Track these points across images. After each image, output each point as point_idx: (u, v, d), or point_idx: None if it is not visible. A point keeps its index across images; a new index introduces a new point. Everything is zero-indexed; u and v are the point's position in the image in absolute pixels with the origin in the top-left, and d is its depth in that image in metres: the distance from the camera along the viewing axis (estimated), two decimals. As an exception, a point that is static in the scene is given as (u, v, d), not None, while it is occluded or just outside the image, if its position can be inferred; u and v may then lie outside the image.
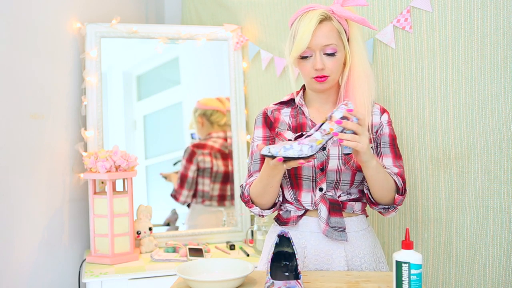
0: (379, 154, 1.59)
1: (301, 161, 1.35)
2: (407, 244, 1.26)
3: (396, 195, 1.52)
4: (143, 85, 2.71)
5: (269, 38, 2.39)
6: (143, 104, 2.72)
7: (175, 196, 2.63)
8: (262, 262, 1.65)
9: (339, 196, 1.57)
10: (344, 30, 1.54)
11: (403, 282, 1.24)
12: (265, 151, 1.35)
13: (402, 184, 1.53)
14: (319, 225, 1.56)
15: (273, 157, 1.34)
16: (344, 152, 1.41)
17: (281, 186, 1.59)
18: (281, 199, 1.59)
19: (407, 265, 1.24)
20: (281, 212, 1.62)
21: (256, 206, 1.56)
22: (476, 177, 1.68)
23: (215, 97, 2.68)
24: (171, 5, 3.05)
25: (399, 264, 1.25)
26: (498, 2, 1.57)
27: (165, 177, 2.66)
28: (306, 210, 1.59)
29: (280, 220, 1.61)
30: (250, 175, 1.61)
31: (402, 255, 1.26)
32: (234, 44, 2.56)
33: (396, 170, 1.56)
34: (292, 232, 1.56)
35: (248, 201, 1.56)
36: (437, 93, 1.76)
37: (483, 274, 1.66)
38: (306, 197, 1.57)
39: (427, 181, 1.82)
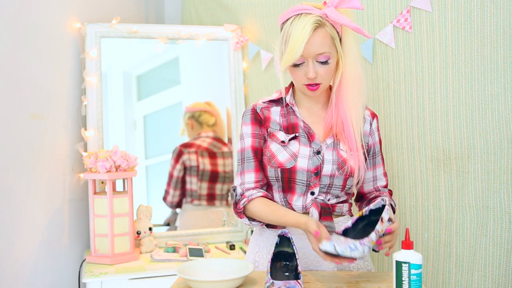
0: (373, 164, 1.61)
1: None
2: (407, 244, 1.26)
3: None
4: (143, 85, 2.71)
5: (269, 38, 2.39)
6: (143, 104, 2.72)
7: (165, 197, 2.64)
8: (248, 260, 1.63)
9: (328, 200, 1.54)
10: (337, 32, 1.49)
11: (403, 282, 1.25)
12: (330, 248, 1.32)
13: (395, 205, 1.60)
14: None
15: (338, 255, 1.33)
16: (374, 249, 1.44)
17: (271, 188, 1.57)
18: None
19: (407, 265, 1.24)
20: None
21: (247, 219, 1.55)
22: (476, 177, 1.68)
23: (204, 102, 2.69)
24: (171, 5, 3.05)
25: (399, 264, 1.25)
26: (498, 2, 1.57)
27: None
28: None
29: None
30: (242, 174, 1.56)
31: (402, 255, 1.26)
32: (234, 44, 2.56)
33: (384, 182, 1.63)
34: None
35: (240, 213, 1.54)
36: (437, 93, 1.76)
37: (483, 274, 1.66)
38: (297, 201, 1.54)
39: (427, 181, 1.82)
